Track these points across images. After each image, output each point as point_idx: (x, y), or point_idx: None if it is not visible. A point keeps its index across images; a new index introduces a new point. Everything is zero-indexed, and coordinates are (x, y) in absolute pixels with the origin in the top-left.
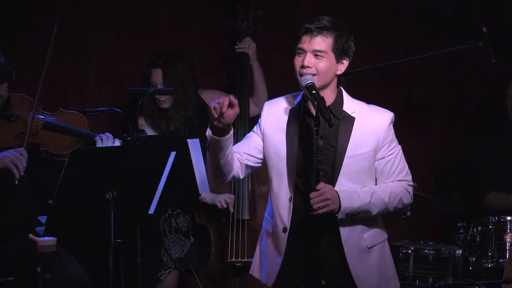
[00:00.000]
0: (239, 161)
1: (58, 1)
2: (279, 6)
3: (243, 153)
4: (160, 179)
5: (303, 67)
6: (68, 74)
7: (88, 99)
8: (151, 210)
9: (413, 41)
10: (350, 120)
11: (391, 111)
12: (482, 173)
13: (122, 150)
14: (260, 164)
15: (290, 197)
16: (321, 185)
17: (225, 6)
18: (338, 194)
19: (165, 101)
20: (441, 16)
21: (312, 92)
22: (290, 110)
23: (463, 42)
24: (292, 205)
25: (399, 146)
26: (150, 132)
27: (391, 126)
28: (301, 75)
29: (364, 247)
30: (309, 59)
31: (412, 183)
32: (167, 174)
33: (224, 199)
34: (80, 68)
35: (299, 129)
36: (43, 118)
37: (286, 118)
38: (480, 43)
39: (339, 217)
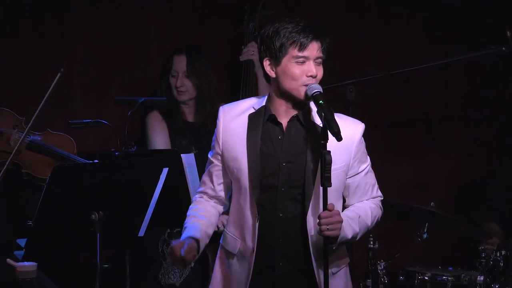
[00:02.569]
0: (216, 200)
1: (38, 5)
2: (284, 8)
3: (216, 187)
4: (151, 197)
5: (312, 76)
6: (50, 83)
7: (72, 111)
8: (141, 232)
9: (430, 46)
10: (318, 130)
11: (411, 123)
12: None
13: (109, 166)
14: None
15: (256, 215)
16: (331, 205)
17: (228, 6)
18: None
19: (186, 92)
20: (460, 19)
21: (320, 102)
22: (249, 116)
23: (485, 47)
24: (258, 225)
25: (368, 158)
26: (162, 130)
27: (363, 138)
28: (305, 84)
29: (330, 272)
30: (316, 67)
31: (382, 197)
32: (159, 192)
33: (221, 221)
34: (63, 77)
35: (261, 138)
36: (28, 137)
37: (245, 125)
38: (503, 48)
39: (334, 247)
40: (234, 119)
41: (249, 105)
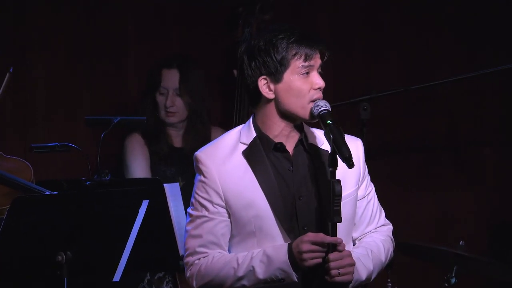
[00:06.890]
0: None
1: None
2: (288, 13)
3: (225, 249)
4: (129, 235)
5: (320, 89)
6: (9, 102)
7: (35, 133)
8: (117, 277)
9: (458, 57)
10: (322, 155)
11: (435, 148)
12: None
13: (79, 197)
14: None
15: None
16: (343, 245)
17: (214, 11)
18: None
19: (176, 113)
20: (493, 27)
21: (327, 122)
22: (244, 153)
23: None
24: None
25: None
26: (142, 156)
27: None
28: (313, 100)
29: None
30: (320, 77)
31: (391, 226)
32: (137, 229)
33: None
34: (24, 94)
35: (273, 175)
36: None
37: (245, 165)
38: None
39: None
40: (225, 163)
41: (232, 141)
